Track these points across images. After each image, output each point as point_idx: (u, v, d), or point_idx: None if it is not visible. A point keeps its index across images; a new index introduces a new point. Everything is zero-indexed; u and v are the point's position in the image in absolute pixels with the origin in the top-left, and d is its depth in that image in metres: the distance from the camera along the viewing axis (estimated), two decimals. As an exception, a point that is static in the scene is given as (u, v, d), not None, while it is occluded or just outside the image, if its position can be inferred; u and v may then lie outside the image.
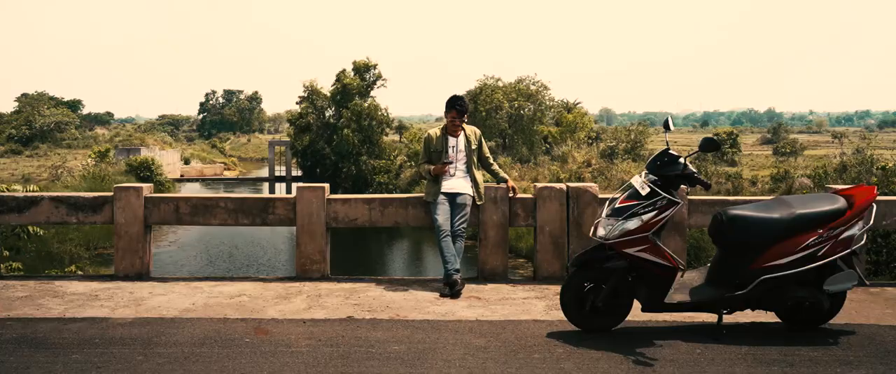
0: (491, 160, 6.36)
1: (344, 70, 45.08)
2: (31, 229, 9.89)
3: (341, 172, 41.98)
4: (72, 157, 43.66)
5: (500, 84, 44.81)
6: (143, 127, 78.58)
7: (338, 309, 5.28)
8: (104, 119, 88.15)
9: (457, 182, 6.11)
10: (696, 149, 4.89)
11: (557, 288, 5.77)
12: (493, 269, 6.35)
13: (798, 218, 4.48)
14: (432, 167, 6.11)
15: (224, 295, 5.72)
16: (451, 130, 6.18)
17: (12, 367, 4.02)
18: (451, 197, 6.06)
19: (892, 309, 5.31)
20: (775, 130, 62.67)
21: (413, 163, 38.40)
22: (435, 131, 6.27)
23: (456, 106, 6.09)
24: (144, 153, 43.65)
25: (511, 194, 6.30)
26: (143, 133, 63.14)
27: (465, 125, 6.24)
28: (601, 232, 4.58)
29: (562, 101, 49.45)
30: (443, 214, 5.97)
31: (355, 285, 6.05)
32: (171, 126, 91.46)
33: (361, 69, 44.89)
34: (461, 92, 45.65)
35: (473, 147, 6.18)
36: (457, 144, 6.15)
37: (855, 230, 4.49)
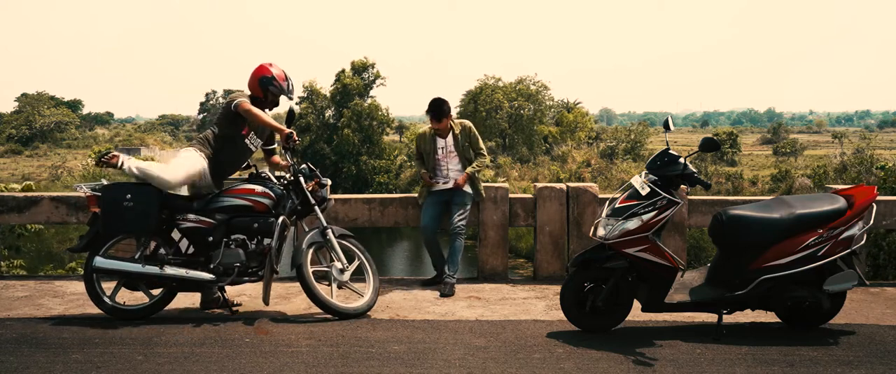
0: (476, 155, 6.10)
1: (343, 70, 45.13)
2: (29, 226, 9.88)
3: (341, 172, 42.02)
4: (72, 157, 43.69)
5: (500, 84, 44.84)
6: (143, 127, 78.58)
7: (338, 309, 5.27)
8: (104, 119, 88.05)
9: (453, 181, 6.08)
10: (696, 149, 4.89)
11: (557, 288, 5.76)
12: (493, 269, 6.36)
13: (798, 218, 4.49)
14: (423, 172, 6.13)
15: (224, 295, 5.71)
16: (438, 131, 6.08)
17: (12, 367, 4.02)
18: (450, 196, 6.04)
19: (892, 309, 5.31)
20: (775, 130, 62.64)
21: (413, 163, 38.47)
22: (427, 130, 6.22)
23: (432, 112, 5.92)
24: (145, 153, 43.59)
25: (459, 183, 5.99)
26: (144, 133, 63.19)
27: (453, 122, 6.09)
28: (601, 232, 4.59)
29: (562, 101, 49.54)
30: (426, 216, 6.02)
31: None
32: (171, 126, 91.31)
33: (359, 69, 44.92)
34: (461, 92, 45.57)
35: (466, 143, 6.05)
36: (446, 145, 6.08)
37: (855, 230, 4.49)
